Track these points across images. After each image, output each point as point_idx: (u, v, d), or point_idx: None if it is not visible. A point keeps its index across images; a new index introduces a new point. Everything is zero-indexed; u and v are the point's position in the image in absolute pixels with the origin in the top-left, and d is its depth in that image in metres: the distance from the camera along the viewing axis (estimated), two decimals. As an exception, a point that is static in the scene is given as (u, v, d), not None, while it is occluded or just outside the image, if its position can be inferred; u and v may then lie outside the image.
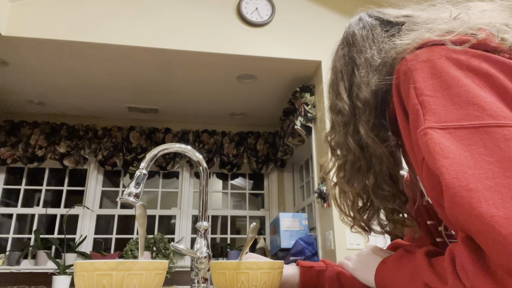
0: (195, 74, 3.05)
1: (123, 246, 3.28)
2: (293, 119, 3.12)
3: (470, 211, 0.39)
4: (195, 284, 0.83)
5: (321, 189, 2.65)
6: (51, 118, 3.68)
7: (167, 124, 3.86)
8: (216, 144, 3.83)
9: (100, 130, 3.68)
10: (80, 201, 3.63)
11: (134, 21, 2.74)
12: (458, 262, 0.44)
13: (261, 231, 3.90)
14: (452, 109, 0.46)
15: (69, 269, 2.90)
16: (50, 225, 3.61)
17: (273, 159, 3.87)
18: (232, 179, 4.19)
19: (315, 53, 2.89)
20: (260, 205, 4.11)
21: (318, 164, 2.83)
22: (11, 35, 2.54)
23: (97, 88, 3.28)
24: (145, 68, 2.96)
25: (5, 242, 3.45)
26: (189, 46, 2.74)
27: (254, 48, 2.82)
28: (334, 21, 3.01)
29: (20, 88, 3.25)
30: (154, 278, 0.63)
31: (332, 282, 0.76)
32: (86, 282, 0.60)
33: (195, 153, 0.92)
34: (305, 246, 2.71)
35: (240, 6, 2.87)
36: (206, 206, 0.91)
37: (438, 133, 0.45)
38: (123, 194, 0.78)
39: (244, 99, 3.51)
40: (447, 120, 0.45)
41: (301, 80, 3.11)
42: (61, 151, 3.53)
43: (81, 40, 2.62)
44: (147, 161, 0.84)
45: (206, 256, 0.83)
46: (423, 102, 0.48)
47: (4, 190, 3.62)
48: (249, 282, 0.68)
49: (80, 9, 2.70)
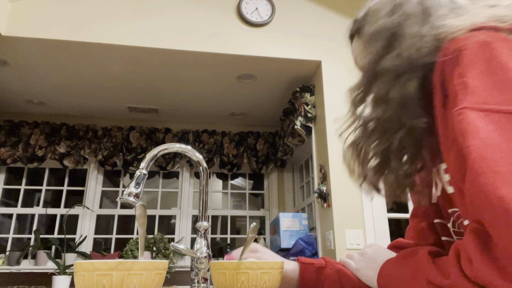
0: (195, 74, 3.05)
1: (123, 246, 3.28)
2: (293, 119, 3.12)
3: (491, 192, 0.39)
4: (195, 284, 0.83)
5: (321, 189, 2.65)
6: (51, 118, 3.68)
7: (167, 124, 3.86)
8: (216, 144, 3.83)
9: (100, 130, 3.68)
10: (80, 201, 3.63)
11: (134, 21, 2.74)
12: (463, 254, 0.43)
13: (261, 231, 3.90)
14: (494, 93, 0.45)
15: (69, 269, 2.90)
16: (50, 225, 3.61)
17: (273, 159, 3.87)
18: (232, 179, 4.19)
19: (315, 53, 2.89)
20: (260, 205, 4.11)
21: (318, 164, 2.83)
22: (11, 35, 2.54)
23: (97, 88, 3.28)
24: (145, 68, 2.96)
25: (5, 242, 3.45)
26: (189, 46, 2.74)
27: (254, 48, 2.82)
28: (334, 21, 3.01)
29: (20, 88, 3.25)
30: (154, 278, 0.63)
31: (332, 280, 0.76)
32: (86, 282, 0.60)
33: (195, 153, 0.92)
34: (305, 246, 2.71)
35: (240, 6, 2.87)
36: (206, 206, 0.91)
37: (473, 114, 0.45)
38: (123, 194, 0.78)
39: (244, 99, 3.51)
40: (486, 103, 0.45)
41: (301, 80, 3.11)
42: (61, 151, 3.53)
43: (81, 40, 2.62)
44: (147, 161, 0.84)
45: (206, 256, 0.84)
46: (466, 83, 0.47)
47: (4, 190, 3.62)
48: (249, 282, 0.68)
49: (80, 9, 2.70)
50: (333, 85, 2.83)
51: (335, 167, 2.63)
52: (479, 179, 0.40)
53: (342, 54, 2.92)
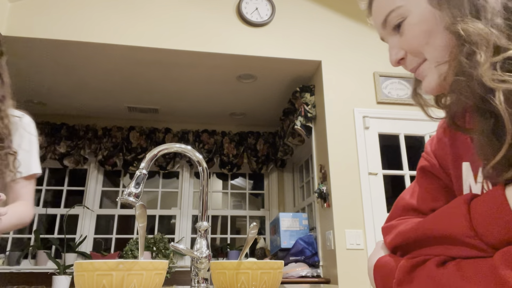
0: (195, 74, 3.05)
1: (123, 246, 3.27)
2: (293, 119, 3.12)
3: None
4: (195, 284, 0.83)
5: (321, 189, 2.65)
6: (51, 118, 3.68)
7: (167, 124, 3.86)
8: (216, 144, 3.83)
9: (100, 130, 3.68)
10: (80, 201, 3.63)
11: (135, 21, 2.74)
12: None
13: (261, 231, 3.90)
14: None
15: (69, 269, 2.90)
16: (50, 225, 3.61)
17: (273, 159, 3.87)
18: (232, 179, 4.19)
19: (315, 53, 2.89)
20: (260, 205, 4.11)
21: (318, 164, 2.83)
22: (11, 35, 2.54)
23: (97, 88, 3.28)
24: (145, 68, 2.96)
25: (5, 242, 3.45)
26: (189, 46, 2.74)
27: (254, 48, 2.82)
28: (334, 21, 3.01)
29: (20, 88, 3.24)
30: (154, 278, 0.63)
31: None
32: (86, 282, 0.60)
33: (195, 153, 0.92)
34: (305, 246, 2.71)
35: (240, 6, 2.87)
36: (206, 206, 0.91)
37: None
38: (123, 194, 0.78)
39: (244, 99, 3.51)
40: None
41: (301, 80, 3.11)
42: (61, 151, 3.53)
43: (81, 40, 2.62)
44: (147, 161, 0.84)
45: (206, 256, 0.83)
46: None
47: (4, 190, 3.62)
48: (249, 282, 0.68)
49: (80, 9, 2.70)
50: (333, 85, 2.83)
51: (335, 167, 2.63)
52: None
53: (342, 54, 2.93)
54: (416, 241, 0.56)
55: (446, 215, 0.51)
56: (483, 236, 0.46)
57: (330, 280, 2.50)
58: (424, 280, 0.51)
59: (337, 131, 2.71)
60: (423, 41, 0.59)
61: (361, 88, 2.85)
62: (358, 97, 2.82)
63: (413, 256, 0.55)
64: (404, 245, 0.58)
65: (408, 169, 2.70)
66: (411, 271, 0.53)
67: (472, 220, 0.47)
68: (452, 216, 0.50)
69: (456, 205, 0.50)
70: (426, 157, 0.71)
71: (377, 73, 2.88)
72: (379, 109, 2.80)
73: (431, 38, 0.58)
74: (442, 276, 0.49)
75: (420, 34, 0.59)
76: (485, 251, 0.46)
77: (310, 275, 2.58)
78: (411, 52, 0.62)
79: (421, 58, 0.61)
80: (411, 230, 0.57)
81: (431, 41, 0.58)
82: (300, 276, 2.55)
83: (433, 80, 0.60)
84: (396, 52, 0.64)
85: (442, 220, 0.51)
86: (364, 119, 2.75)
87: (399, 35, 0.63)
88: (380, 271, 0.60)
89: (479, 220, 0.47)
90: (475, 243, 0.47)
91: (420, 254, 0.55)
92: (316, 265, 2.68)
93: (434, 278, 0.49)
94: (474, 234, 0.47)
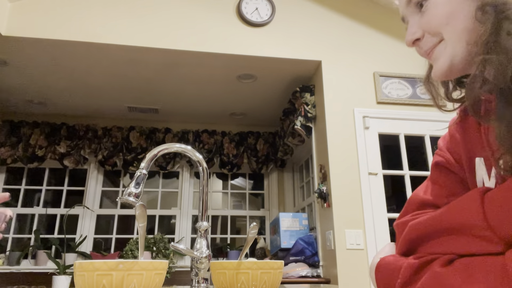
0: (195, 74, 3.05)
1: (123, 246, 3.27)
2: (293, 119, 3.12)
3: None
4: (195, 284, 0.83)
5: (321, 189, 2.65)
6: (51, 118, 3.68)
7: (167, 124, 3.86)
8: (216, 144, 3.83)
9: (100, 130, 3.68)
10: (80, 201, 3.63)
11: (134, 21, 2.74)
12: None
13: (261, 231, 3.90)
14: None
15: (69, 269, 2.89)
16: (50, 225, 3.61)
17: (273, 159, 3.87)
18: (232, 179, 4.19)
19: (315, 53, 2.89)
20: (260, 205, 4.11)
21: (318, 164, 2.83)
22: (11, 35, 2.54)
23: (97, 88, 3.28)
24: (145, 68, 2.96)
25: (5, 242, 3.45)
26: (189, 46, 2.74)
27: (254, 48, 2.82)
28: (334, 21, 3.01)
29: (20, 88, 3.24)
30: (154, 278, 0.63)
31: None
32: (86, 282, 0.60)
33: (195, 153, 0.92)
34: (305, 246, 2.71)
35: (240, 6, 2.87)
36: (206, 206, 0.91)
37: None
38: (123, 194, 0.78)
39: (244, 99, 3.51)
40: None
41: (301, 80, 3.11)
42: (61, 151, 3.53)
43: (81, 40, 2.62)
44: (147, 161, 0.84)
45: (206, 256, 0.83)
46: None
47: (4, 190, 3.62)
48: (249, 282, 0.68)
49: (80, 9, 2.70)
50: (333, 85, 2.83)
51: (335, 167, 2.63)
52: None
53: (342, 54, 2.93)
54: (429, 233, 0.55)
55: (460, 206, 0.51)
56: (496, 228, 0.45)
57: (330, 280, 2.50)
58: (429, 280, 0.50)
59: (337, 131, 2.71)
60: (444, 21, 0.59)
61: (361, 88, 2.85)
62: (358, 97, 2.82)
63: (419, 256, 0.55)
64: (418, 237, 0.58)
65: (408, 169, 2.70)
66: (416, 272, 0.53)
67: (486, 211, 0.47)
68: (466, 207, 0.50)
69: (470, 197, 0.50)
70: (440, 153, 0.71)
71: (377, 73, 2.88)
72: (379, 109, 2.80)
73: (453, 20, 0.58)
74: (448, 276, 0.48)
75: (443, 14, 0.59)
76: (495, 244, 0.46)
77: (310, 275, 2.58)
78: (430, 32, 0.62)
79: (438, 37, 0.61)
80: (427, 221, 0.56)
81: (452, 22, 0.58)
82: (300, 276, 2.56)
83: (445, 63, 0.60)
84: (414, 31, 0.64)
85: (456, 211, 0.51)
86: (364, 119, 2.75)
87: (421, 14, 0.63)
88: (382, 271, 0.60)
89: (493, 211, 0.46)
90: (486, 234, 0.46)
91: (428, 250, 0.54)
92: (316, 265, 2.68)
93: (439, 278, 0.49)
94: (487, 226, 0.46)
